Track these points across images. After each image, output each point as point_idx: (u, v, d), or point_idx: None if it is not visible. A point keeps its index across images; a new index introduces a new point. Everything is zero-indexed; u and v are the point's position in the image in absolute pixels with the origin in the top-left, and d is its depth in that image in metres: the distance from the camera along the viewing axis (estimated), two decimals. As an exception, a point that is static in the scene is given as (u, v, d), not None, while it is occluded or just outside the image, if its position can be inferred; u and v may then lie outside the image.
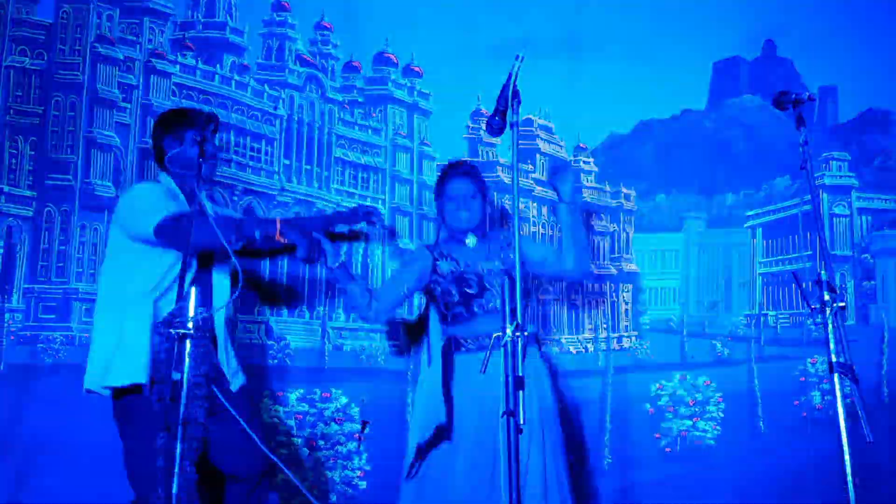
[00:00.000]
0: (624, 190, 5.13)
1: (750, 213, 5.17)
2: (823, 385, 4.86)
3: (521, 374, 2.53)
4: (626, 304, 5.06)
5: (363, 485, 4.61)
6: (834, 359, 2.79)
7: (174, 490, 2.85)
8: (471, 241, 3.58)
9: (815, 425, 4.87)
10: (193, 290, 2.90)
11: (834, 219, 5.15)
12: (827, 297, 2.79)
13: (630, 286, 5.09)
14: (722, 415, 4.97)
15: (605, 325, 4.99)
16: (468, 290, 3.46)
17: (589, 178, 5.13)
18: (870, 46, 5.13)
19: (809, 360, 4.95)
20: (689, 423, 4.94)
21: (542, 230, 5.13)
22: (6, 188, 4.69)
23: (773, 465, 4.86)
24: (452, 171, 3.63)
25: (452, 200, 3.55)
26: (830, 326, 2.79)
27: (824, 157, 5.19)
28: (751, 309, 5.10)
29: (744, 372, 5.03)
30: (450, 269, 3.51)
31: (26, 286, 4.64)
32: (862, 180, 5.15)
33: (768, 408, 4.98)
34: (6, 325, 4.56)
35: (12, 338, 4.55)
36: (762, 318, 5.05)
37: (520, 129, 2.77)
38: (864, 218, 5.13)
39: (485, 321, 3.44)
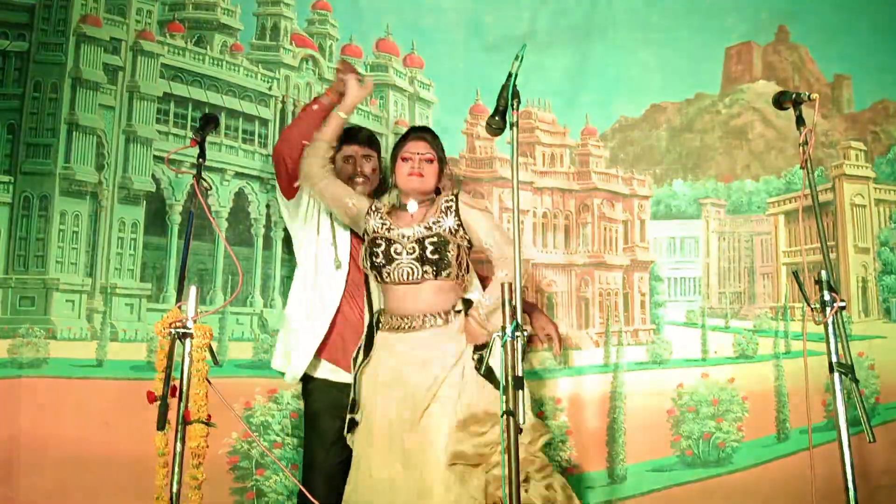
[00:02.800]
0: (636, 176, 4.89)
1: (771, 200, 4.93)
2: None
3: (520, 374, 2.39)
4: (643, 294, 4.78)
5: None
6: (834, 358, 2.64)
7: (174, 489, 2.73)
8: (411, 206, 3.30)
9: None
10: (193, 289, 2.83)
11: (854, 209, 4.93)
12: (827, 297, 2.66)
13: (646, 275, 4.82)
14: (747, 414, 4.67)
15: (617, 319, 4.70)
16: (373, 258, 3.22)
17: (599, 164, 4.89)
18: (884, 36, 4.99)
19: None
20: (713, 423, 4.63)
21: (542, 220, 4.87)
22: (-18, 174, 4.40)
23: (801, 467, 4.54)
24: (412, 131, 3.45)
25: (407, 161, 3.30)
26: (831, 326, 2.65)
27: (843, 146, 5.00)
28: (775, 301, 4.83)
29: (769, 368, 4.74)
30: (373, 228, 3.28)
31: (3, 276, 4.31)
32: (878, 171, 4.96)
33: (795, 406, 4.69)
34: (-19, 317, 4.23)
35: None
36: (787, 311, 4.78)
37: (519, 122, 2.58)
38: (881, 209, 4.92)
39: (399, 293, 3.21)
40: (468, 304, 3.19)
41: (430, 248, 3.14)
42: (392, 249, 3.17)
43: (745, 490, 4.63)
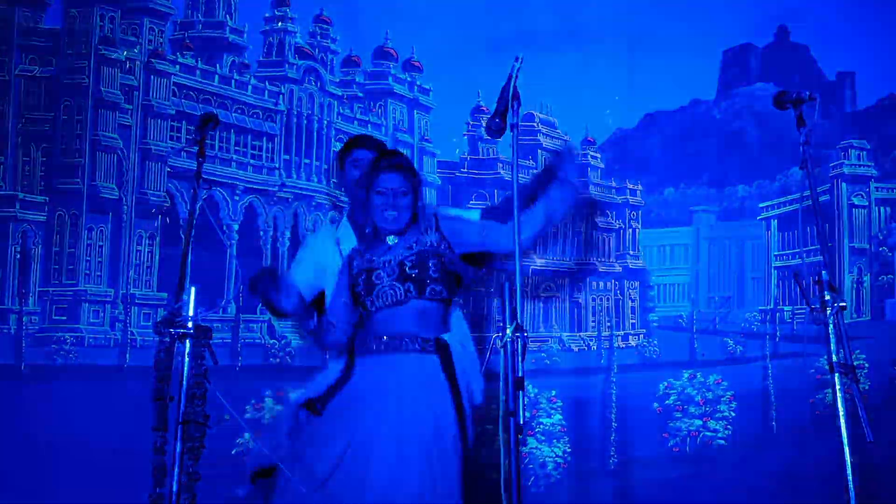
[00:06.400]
0: (629, 185, 5.00)
1: (764, 204, 4.97)
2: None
3: (520, 374, 2.38)
4: (633, 301, 4.94)
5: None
6: (834, 358, 2.65)
7: (174, 489, 2.85)
8: (392, 240, 3.11)
9: (831, 424, 4.67)
10: (193, 289, 2.93)
11: (853, 210, 4.92)
12: (827, 297, 2.66)
13: (637, 283, 4.96)
14: (734, 414, 4.82)
15: (608, 324, 4.88)
16: (356, 290, 3.06)
17: (596, 175, 5.01)
18: (889, 31, 4.85)
19: (825, 357, 4.73)
20: (699, 422, 4.81)
21: (543, 227, 5.04)
22: (21, 195, 4.81)
23: (786, 465, 4.70)
24: (384, 159, 3.18)
25: (382, 195, 3.11)
26: (831, 326, 2.66)
27: (843, 146, 4.96)
28: (765, 304, 4.92)
29: (757, 370, 4.87)
30: (357, 267, 3.11)
31: (41, 289, 4.76)
32: (880, 169, 4.91)
33: (782, 406, 4.82)
34: (24, 327, 4.69)
35: (30, 340, 4.68)
36: (777, 314, 4.87)
37: (521, 124, 2.67)
38: (882, 209, 4.89)
39: (385, 318, 3.05)
40: (441, 345, 3.04)
41: (408, 264, 3.02)
42: (373, 277, 3.04)
43: (733, 486, 4.81)
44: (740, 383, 4.84)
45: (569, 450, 4.77)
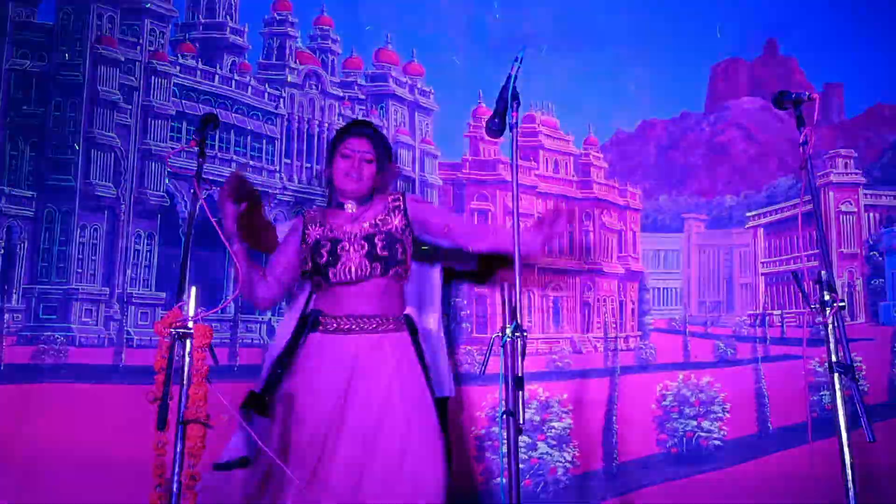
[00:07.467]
0: (630, 188, 5.13)
1: (750, 213, 5.15)
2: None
3: (520, 374, 2.47)
4: (633, 303, 5.03)
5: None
6: (833, 358, 2.73)
7: (174, 489, 2.82)
8: (350, 206, 3.18)
9: (824, 426, 4.81)
10: (194, 289, 2.88)
11: (841, 216, 5.13)
12: (827, 297, 2.75)
13: (636, 285, 5.07)
14: (727, 415, 4.92)
15: (614, 325, 4.95)
16: (318, 260, 3.07)
17: (599, 174, 5.12)
18: (876, 40, 5.09)
19: (817, 359, 4.90)
20: (694, 423, 4.90)
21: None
22: (6, 189, 4.67)
23: (780, 466, 4.81)
24: (353, 127, 3.22)
25: (345, 158, 3.14)
26: (830, 326, 2.73)
27: (830, 155, 5.18)
28: (754, 308, 5.07)
29: (748, 372, 4.99)
30: (315, 237, 3.13)
31: (26, 286, 4.61)
32: (870, 176, 5.12)
33: (775, 408, 4.94)
34: (6, 325, 4.51)
35: (13, 338, 4.51)
36: (766, 318, 5.02)
37: (522, 125, 2.72)
38: (871, 215, 5.11)
39: (346, 294, 3.07)
40: (410, 322, 3.11)
41: (379, 244, 3.05)
42: (338, 247, 3.05)
43: (730, 485, 4.88)
44: (732, 385, 4.96)
45: (577, 453, 4.79)
